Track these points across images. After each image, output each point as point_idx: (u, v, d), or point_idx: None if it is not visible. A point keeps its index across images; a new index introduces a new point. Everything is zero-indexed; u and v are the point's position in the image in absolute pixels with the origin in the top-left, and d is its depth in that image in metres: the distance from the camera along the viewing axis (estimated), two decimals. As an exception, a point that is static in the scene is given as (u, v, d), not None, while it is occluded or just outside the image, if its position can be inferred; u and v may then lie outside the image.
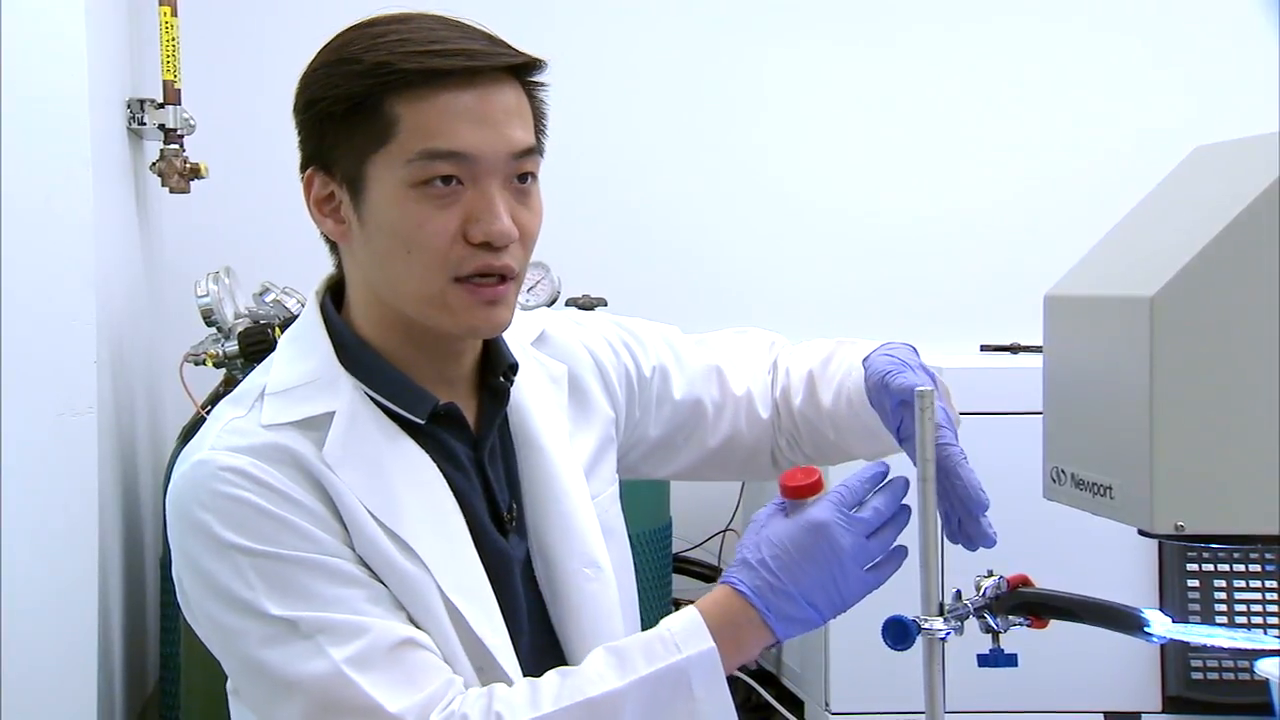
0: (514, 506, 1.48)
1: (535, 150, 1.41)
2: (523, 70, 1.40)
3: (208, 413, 2.59)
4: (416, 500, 1.38)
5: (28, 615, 2.24)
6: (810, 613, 1.34)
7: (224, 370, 2.67)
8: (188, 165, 2.87)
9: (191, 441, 1.40)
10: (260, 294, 2.68)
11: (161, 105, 2.86)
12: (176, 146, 2.87)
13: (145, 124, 2.85)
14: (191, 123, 2.89)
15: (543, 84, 1.43)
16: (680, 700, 1.31)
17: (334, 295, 1.48)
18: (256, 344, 2.57)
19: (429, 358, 1.44)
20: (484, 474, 1.46)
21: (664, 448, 1.68)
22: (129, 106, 2.84)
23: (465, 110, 1.35)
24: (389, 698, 1.29)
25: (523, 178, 1.39)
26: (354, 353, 1.42)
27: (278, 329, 2.58)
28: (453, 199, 1.35)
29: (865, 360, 1.54)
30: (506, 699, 1.31)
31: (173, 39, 2.86)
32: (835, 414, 1.60)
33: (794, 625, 1.35)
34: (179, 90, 2.87)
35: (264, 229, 3.03)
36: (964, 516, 1.41)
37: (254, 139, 3.03)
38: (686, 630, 1.33)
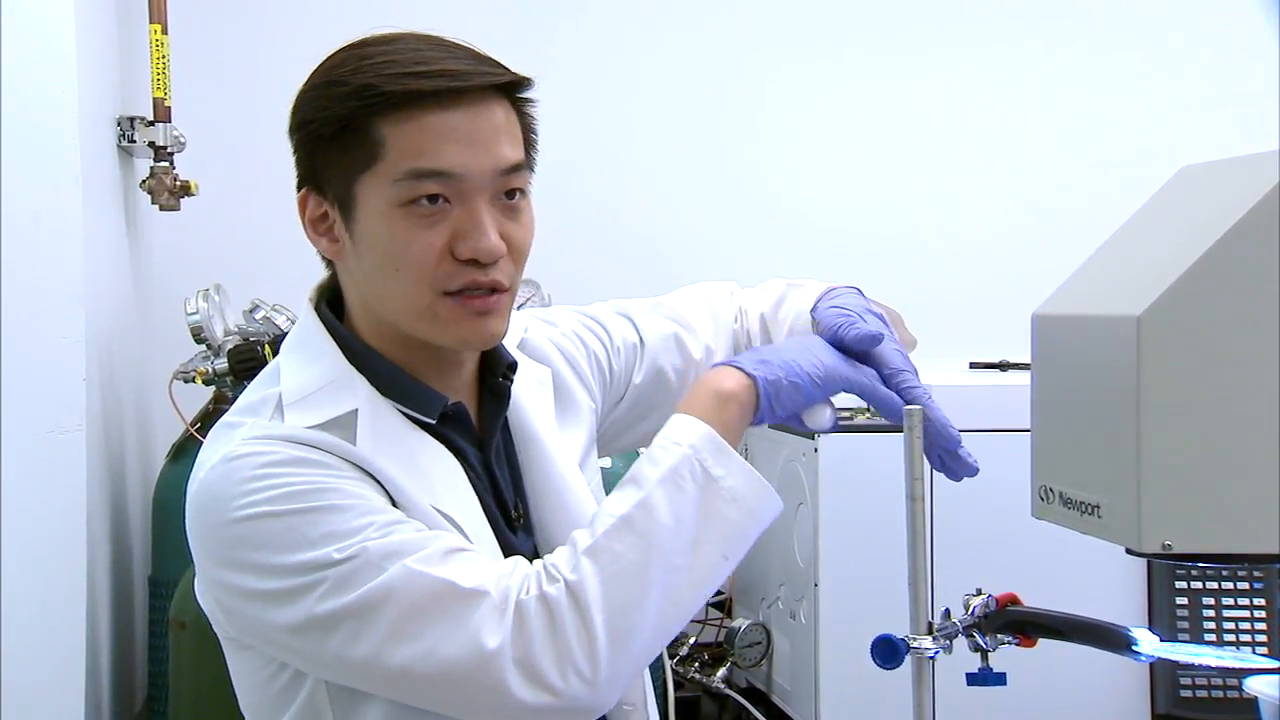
0: (519, 504, 1.49)
1: (524, 166, 1.41)
2: (511, 88, 1.41)
3: (197, 430, 2.60)
4: (447, 490, 1.40)
5: (15, 632, 2.23)
6: (786, 364, 1.42)
7: (214, 388, 2.67)
8: (178, 183, 2.86)
9: (208, 452, 1.39)
10: (250, 311, 2.68)
11: (151, 123, 2.86)
12: (166, 164, 2.87)
13: (135, 141, 2.85)
14: (181, 140, 2.89)
15: (532, 100, 1.43)
16: (704, 486, 1.34)
17: (329, 303, 1.49)
18: (246, 361, 2.57)
19: (431, 365, 1.45)
20: (491, 474, 1.47)
21: (632, 421, 1.69)
22: (119, 124, 2.85)
23: (451, 130, 1.36)
24: (464, 576, 1.30)
25: (510, 194, 1.40)
26: (361, 356, 1.43)
27: (268, 346, 2.58)
28: (440, 217, 1.36)
29: (814, 313, 1.58)
30: (552, 559, 1.33)
31: (163, 56, 2.86)
32: None
33: (769, 367, 1.42)
34: (169, 108, 2.87)
35: (254, 246, 3.03)
36: (944, 453, 1.46)
37: (244, 156, 3.03)
38: (675, 427, 1.38)
